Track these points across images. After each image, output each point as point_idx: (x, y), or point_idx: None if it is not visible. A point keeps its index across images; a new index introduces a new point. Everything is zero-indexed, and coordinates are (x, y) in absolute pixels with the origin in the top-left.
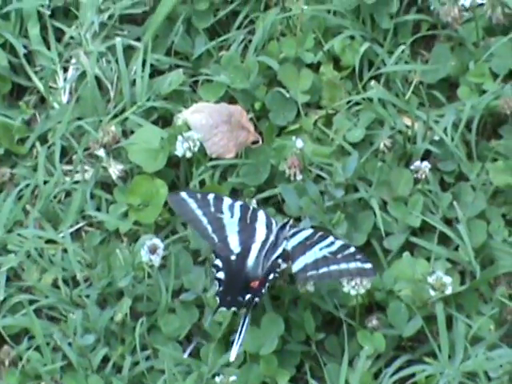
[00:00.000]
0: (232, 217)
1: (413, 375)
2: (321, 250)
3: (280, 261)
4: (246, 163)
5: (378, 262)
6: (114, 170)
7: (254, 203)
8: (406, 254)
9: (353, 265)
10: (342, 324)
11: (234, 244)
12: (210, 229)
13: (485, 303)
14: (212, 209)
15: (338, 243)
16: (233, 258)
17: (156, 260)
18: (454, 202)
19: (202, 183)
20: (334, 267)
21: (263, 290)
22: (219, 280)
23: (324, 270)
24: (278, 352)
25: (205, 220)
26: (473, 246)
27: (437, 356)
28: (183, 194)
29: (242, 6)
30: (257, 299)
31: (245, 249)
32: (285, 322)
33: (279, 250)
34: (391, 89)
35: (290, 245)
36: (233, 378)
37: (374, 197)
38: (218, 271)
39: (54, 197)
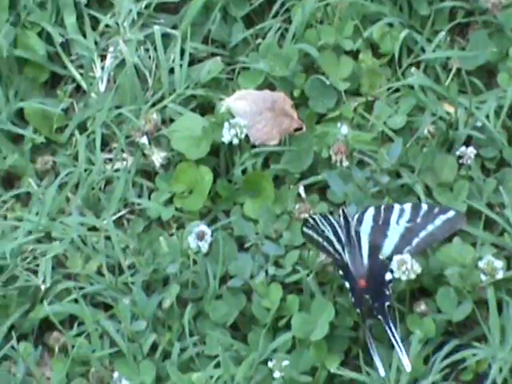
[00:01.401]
0: (329, 231)
1: (463, 360)
2: (398, 223)
3: (380, 256)
4: (289, 150)
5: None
6: (157, 157)
7: (301, 189)
8: (457, 238)
9: (438, 221)
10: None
11: (343, 255)
12: (331, 249)
13: None
14: (319, 231)
15: (408, 207)
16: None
17: (204, 246)
18: (500, 187)
19: (244, 171)
20: (423, 234)
21: (388, 292)
22: (348, 290)
23: (416, 240)
24: (328, 337)
25: (326, 244)
26: None
27: (487, 341)
28: (305, 229)
29: None
30: (387, 303)
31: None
32: (334, 307)
33: (366, 245)
34: (430, 76)
35: (363, 232)
36: (285, 362)
37: (418, 182)
38: (344, 281)
39: (96, 185)
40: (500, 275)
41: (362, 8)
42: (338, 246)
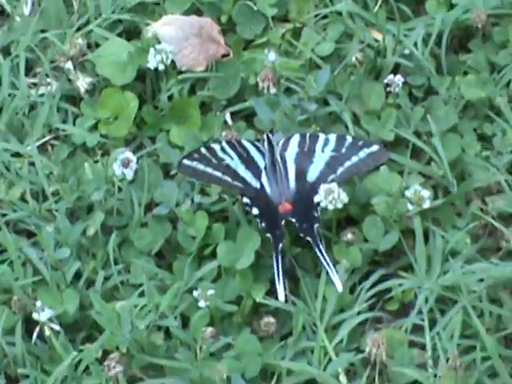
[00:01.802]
0: (232, 158)
1: (389, 290)
2: (323, 151)
3: (308, 179)
4: (216, 76)
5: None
6: (82, 82)
7: (227, 116)
8: (384, 167)
9: (362, 154)
10: None
11: (253, 181)
12: (229, 178)
13: (460, 217)
14: (214, 160)
15: (333, 137)
16: (258, 193)
17: (129, 174)
18: (428, 116)
19: (171, 97)
20: (348, 163)
21: (316, 215)
22: (256, 216)
23: (341, 169)
24: (253, 266)
25: (219, 173)
26: (447, 160)
27: (413, 270)
28: (186, 161)
29: None
30: (317, 225)
31: (260, 181)
32: (259, 235)
33: (292, 169)
34: (358, 2)
35: (289, 157)
36: (210, 291)
37: (345, 110)
38: (251, 208)
39: (20, 110)
40: (427, 205)
41: None
42: (243, 173)
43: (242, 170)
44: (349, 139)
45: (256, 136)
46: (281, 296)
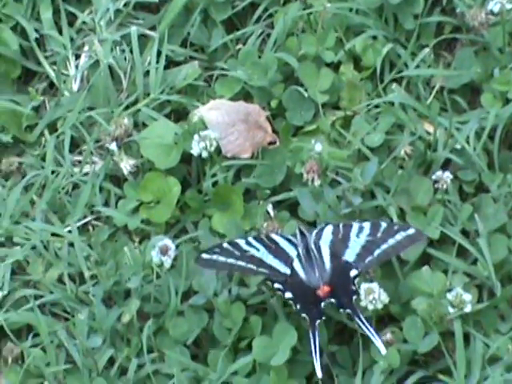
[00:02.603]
0: (258, 250)
1: None
2: (358, 237)
3: (343, 259)
4: (261, 164)
5: (393, 273)
6: (126, 164)
7: (269, 207)
8: (426, 268)
9: (399, 236)
10: (354, 335)
11: (281, 267)
12: (253, 266)
13: (503, 321)
14: (237, 253)
15: (367, 225)
16: (289, 279)
17: (167, 261)
18: (475, 215)
19: (215, 182)
20: (384, 246)
21: (354, 288)
22: (290, 299)
23: (378, 251)
24: (289, 362)
25: (242, 263)
26: (493, 261)
27: (452, 374)
28: (205, 255)
29: None
30: (355, 297)
31: (291, 268)
32: (296, 331)
33: (327, 253)
34: (412, 92)
35: (323, 243)
36: None
37: (392, 205)
38: (284, 292)
39: (62, 188)
40: (468, 309)
41: (346, 19)
42: (270, 261)
43: (269, 259)
44: (383, 224)
45: (298, 226)
46: (319, 373)
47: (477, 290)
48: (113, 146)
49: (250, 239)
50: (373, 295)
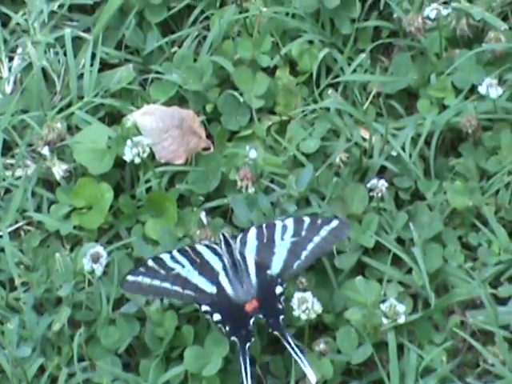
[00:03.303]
0: (184, 266)
1: None
2: (283, 239)
3: (268, 272)
4: (195, 170)
5: (328, 281)
6: (58, 169)
7: (202, 215)
8: (360, 278)
9: (323, 232)
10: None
11: (207, 286)
12: (179, 289)
13: (437, 332)
14: (162, 271)
15: (290, 222)
16: (216, 298)
17: (98, 269)
18: (410, 224)
19: (149, 188)
20: (311, 246)
21: (280, 306)
22: (218, 322)
23: (305, 253)
24: (221, 372)
25: (168, 284)
26: (427, 270)
27: None
28: (130, 278)
29: (197, 1)
30: (281, 317)
31: (217, 284)
32: (228, 341)
33: (252, 265)
34: (348, 97)
35: (248, 253)
36: None
37: (326, 212)
38: (212, 315)
39: None
40: (402, 320)
41: (282, 23)
42: (196, 280)
43: (194, 277)
44: (306, 220)
45: (232, 233)
46: None
47: (411, 300)
48: (45, 151)
49: (175, 253)
50: (306, 305)
